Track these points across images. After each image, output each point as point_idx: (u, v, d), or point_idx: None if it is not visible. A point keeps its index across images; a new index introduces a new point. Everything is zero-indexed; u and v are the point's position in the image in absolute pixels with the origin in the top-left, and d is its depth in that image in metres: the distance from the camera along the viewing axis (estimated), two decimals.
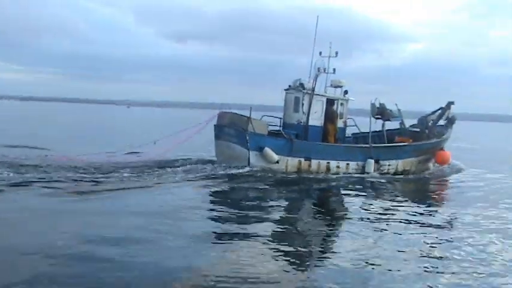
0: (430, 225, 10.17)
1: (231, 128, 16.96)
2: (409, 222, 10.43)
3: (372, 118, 19.49)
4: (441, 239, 9.01)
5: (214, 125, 18.08)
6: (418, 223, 10.39)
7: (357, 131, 20.18)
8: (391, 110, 19.95)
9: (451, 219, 11.10)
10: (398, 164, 18.31)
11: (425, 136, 19.33)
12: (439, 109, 19.89)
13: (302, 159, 16.65)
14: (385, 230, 9.68)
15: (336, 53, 18.13)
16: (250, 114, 16.45)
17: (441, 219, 11.01)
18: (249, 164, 16.06)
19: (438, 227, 10.11)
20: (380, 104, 19.85)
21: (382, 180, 16.77)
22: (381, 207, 12.25)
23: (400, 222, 10.44)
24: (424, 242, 8.80)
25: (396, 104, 20.48)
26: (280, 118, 18.73)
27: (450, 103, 19.47)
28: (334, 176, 16.73)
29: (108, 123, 54.86)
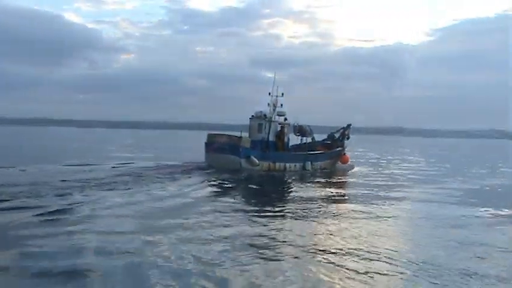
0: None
1: (224, 143, 25.68)
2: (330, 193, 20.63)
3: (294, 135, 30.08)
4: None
5: (206, 143, 26.61)
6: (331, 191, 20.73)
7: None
8: (306, 130, 30.58)
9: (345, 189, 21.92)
10: (322, 164, 29.14)
11: (335, 146, 30.56)
12: (341, 128, 31.36)
13: (270, 163, 26.22)
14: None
15: (282, 94, 28.20)
16: (241, 135, 25.57)
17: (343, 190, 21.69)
18: (241, 167, 24.98)
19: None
20: (299, 125, 30.36)
21: (316, 173, 27.21)
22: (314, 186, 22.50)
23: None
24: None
25: (309, 125, 31.23)
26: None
27: (349, 125, 31.17)
28: (289, 172, 26.58)
29: None
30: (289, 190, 20.63)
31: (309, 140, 30.62)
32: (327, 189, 20.63)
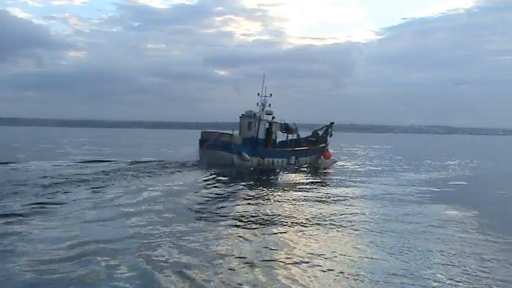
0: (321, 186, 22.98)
1: (217, 141, 27.81)
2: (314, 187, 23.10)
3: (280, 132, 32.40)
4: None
5: (200, 140, 28.71)
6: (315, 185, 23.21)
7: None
8: (292, 127, 32.91)
9: (329, 182, 24.30)
10: (307, 159, 31.58)
11: (318, 143, 33.03)
12: (324, 126, 33.82)
13: (260, 158, 28.50)
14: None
15: (270, 94, 30.45)
16: (232, 133, 27.77)
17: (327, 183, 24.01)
18: (233, 162, 27.19)
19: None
20: (285, 123, 32.67)
21: (301, 168, 29.58)
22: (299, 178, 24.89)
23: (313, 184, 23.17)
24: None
25: (294, 124, 33.60)
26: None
27: (332, 123, 33.65)
28: (277, 166, 28.87)
29: None
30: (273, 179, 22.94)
31: (295, 137, 33.03)
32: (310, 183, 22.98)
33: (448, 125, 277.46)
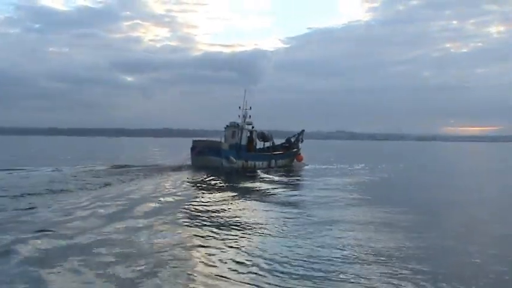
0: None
1: (207, 147, 32.45)
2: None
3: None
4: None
5: (191, 147, 33.28)
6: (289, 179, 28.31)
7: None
8: (268, 136, 38.03)
9: (301, 180, 29.53)
10: (283, 162, 36.81)
11: (292, 148, 38.32)
12: (296, 134, 39.17)
13: (244, 161, 33.38)
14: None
15: (250, 107, 35.51)
16: (221, 140, 32.57)
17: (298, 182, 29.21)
18: (222, 165, 31.88)
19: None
20: (261, 132, 37.76)
21: (278, 169, 34.67)
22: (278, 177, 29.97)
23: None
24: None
25: (269, 131, 38.76)
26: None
27: (303, 130, 39.06)
28: (258, 168, 33.81)
29: None
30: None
31: (270, 144, 38.22)
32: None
33: (351, 131, 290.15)
